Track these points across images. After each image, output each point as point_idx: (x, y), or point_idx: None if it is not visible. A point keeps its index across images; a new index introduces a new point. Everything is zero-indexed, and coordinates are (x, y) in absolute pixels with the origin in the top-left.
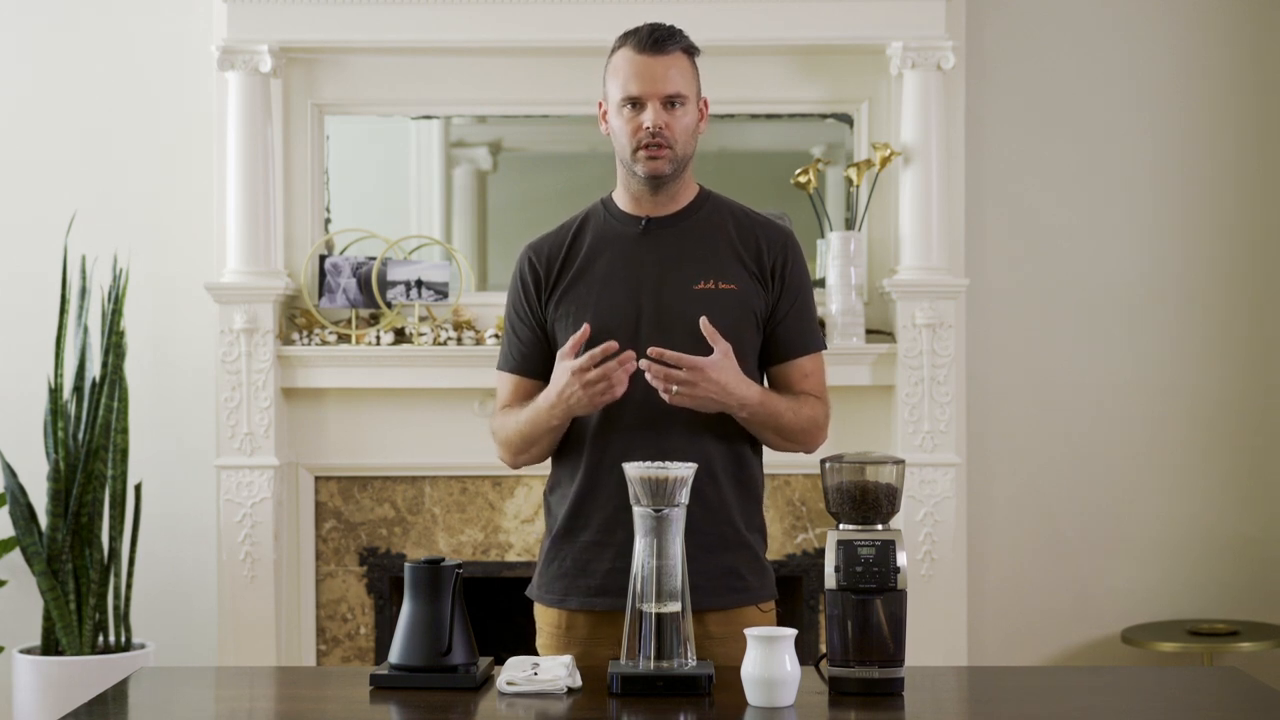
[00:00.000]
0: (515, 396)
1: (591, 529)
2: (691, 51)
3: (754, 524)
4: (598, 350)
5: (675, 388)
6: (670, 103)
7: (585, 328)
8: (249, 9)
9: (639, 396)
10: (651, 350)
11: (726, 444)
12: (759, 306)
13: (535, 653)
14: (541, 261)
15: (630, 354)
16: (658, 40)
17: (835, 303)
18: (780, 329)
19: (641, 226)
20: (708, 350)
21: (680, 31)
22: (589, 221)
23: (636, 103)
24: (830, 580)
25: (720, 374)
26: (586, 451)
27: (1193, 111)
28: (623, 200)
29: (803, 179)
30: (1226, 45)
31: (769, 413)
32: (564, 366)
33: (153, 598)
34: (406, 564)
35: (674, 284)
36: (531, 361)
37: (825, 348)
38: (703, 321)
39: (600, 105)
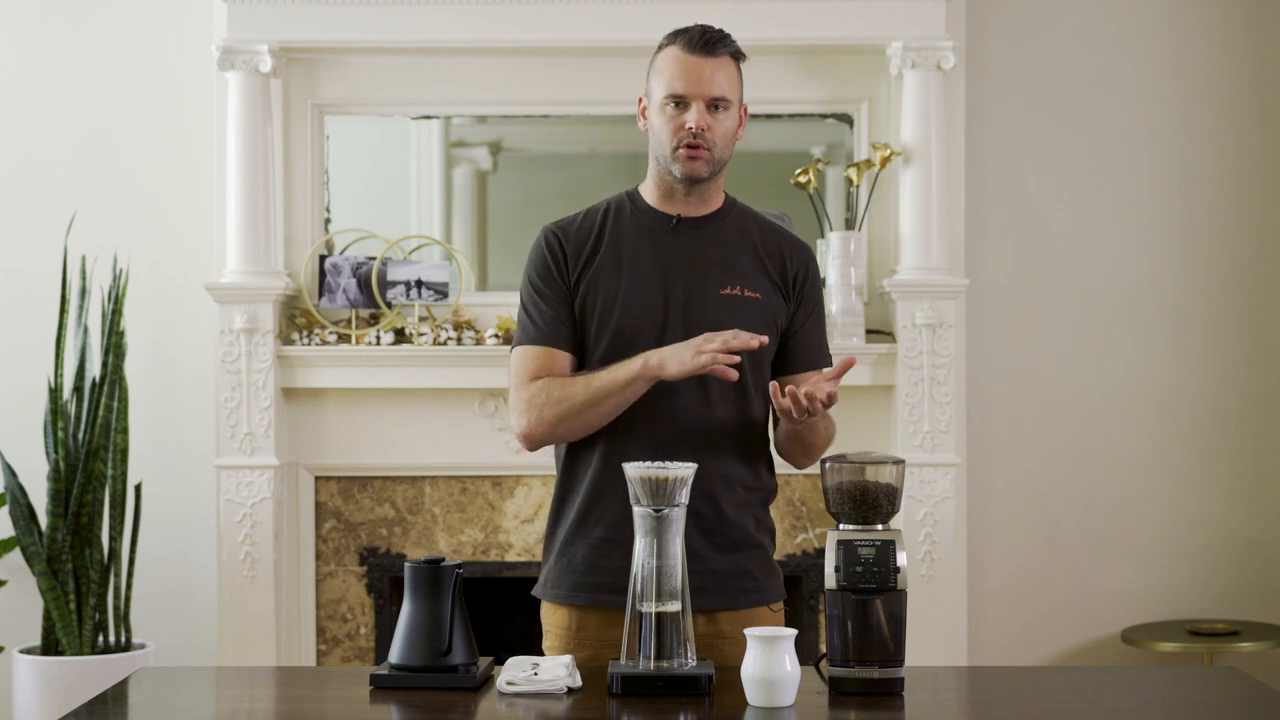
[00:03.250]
0: (545, 370)
1: (604, 526)
2: (739, 57)
3: (764, 524)
4: (747, 337)
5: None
6: (714, 105)
7: (765, 339)
8: (249, 9)
9: (656, 399)
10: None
11: (740, 445)
12: (779, 318)
13: (536, 653)
14: (569, 240)
15: (754, 340)
16: (708, 42)
17: (835, 303)
18: (795, 342)
19: (673, 224)
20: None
21: (730, 36)
22: (616, 212)
23: (680, 102)
24: (830, 580)
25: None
26: (600, 450)
27: (1193, 112)
28: (652, 196)
29: (803, 179)
30: (1226, 46)
31: (808, 435)
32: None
33: (153, 598)
34: (406, 564)
35: (702, 286)
36: (560, 333)
37: (831, 365)
38: (773, 387)
39: (640, 101)
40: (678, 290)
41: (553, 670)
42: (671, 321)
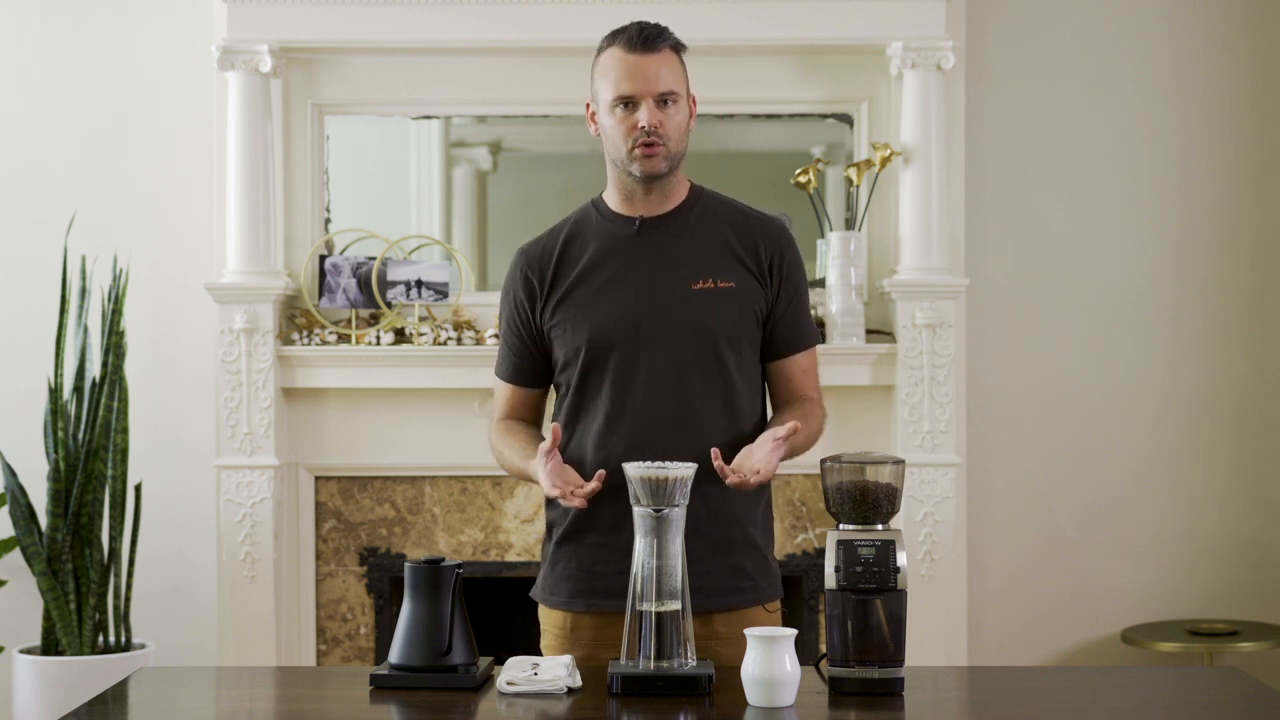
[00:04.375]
0: (511, 405)
1: (598, 531)
2: (679, 49)
3: (760, 522)
4: (580, 496)
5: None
6: (663, 100)
7: (555, 429)
8: (249, 9)
9: (640, 401)
10: (717, 465)
11: (731, 445)
12: (758, 304)
13: (536, 653)
14: (534, 271)
15: (601, 474)
16: (647, 38)
17: (835, 303)
18: (780, 325)
19: (636, 227)
20: (709, 348)
21: (667, 29)
22: (581, 224)
23: (629, 102)
24: (830, 580)
25: (769, 472)
26: (590, 456)
27: (1193, 112)
28: (614, 201)
29: (803, 179)
30: (1226, 46)
31: (788, 454)
32: (543, 470)
33: (153, 598)
34: (406, 564)
35: (673, 285)
36: (526, 373)
37: (822, 341)
38: (715, 459)
39: (588, 106)
40: (648, 293)
41: (553, 670)
42: (646, 324)
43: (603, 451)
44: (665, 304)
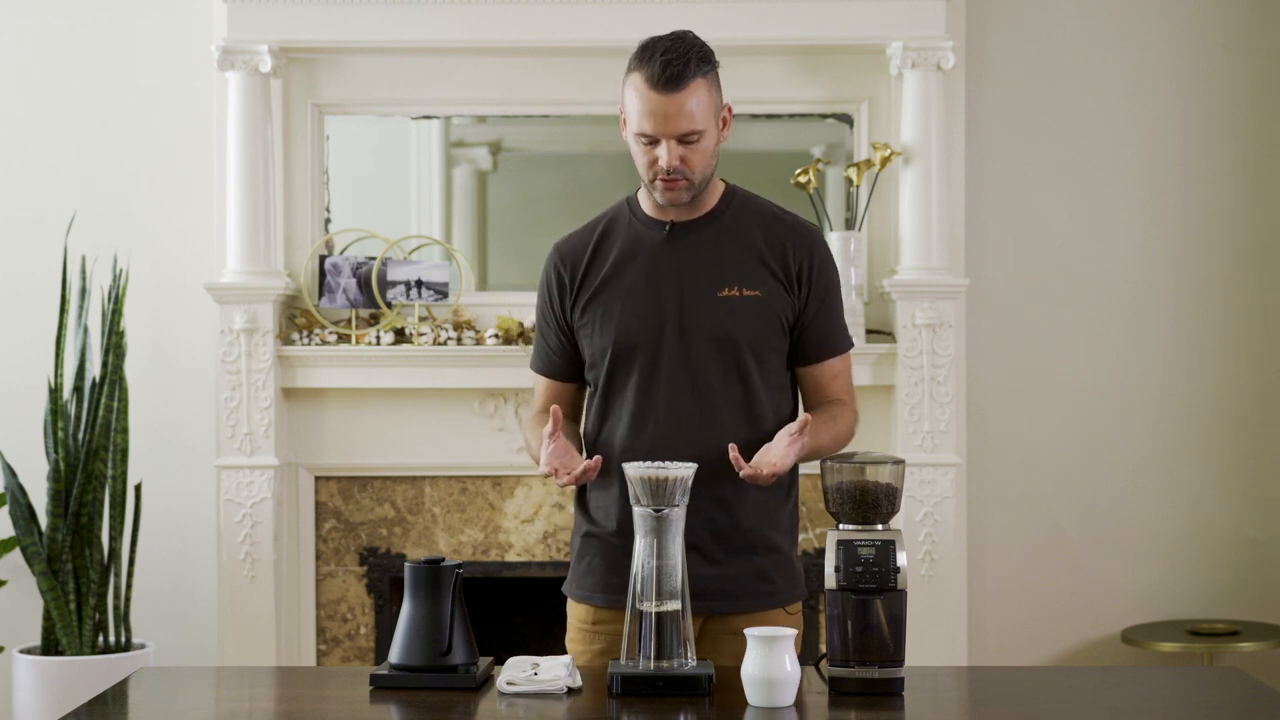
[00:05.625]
0: (546, 399)
1: (623, 529)
2: (709, 71)
3: (782, 524)
4: (574, 475)
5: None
6: (685, 139)
7: (555, 410)
8: (249, 9)
9: (663, 404)
10: (733, 457)
11: (751, 447)
12: (785, 312)
13: (535, 653)
14: (567, 266)
15: (597, 459)
16: (670, 78)
17: None
18: (809, 331)
19: (666, 232)
20: (731, 356)
21: (694, 57)
22: (615, 222)
23: (651, 139)
24: (830, 580)
25: (783, 466)
26: (616, 457)
27: (1193, 112)
28: (647, 204)
29: (803, 179)
30: (1226, 46)
31: (813, 453)
32: (545, 451)
33: (153, 598)
34: (406, 564)
35: (698, 291)
36: (559, 366)
37: (853, 346)
38: (732, 451)
39: (621, 112)
40: (672, 298)
41: (553, 670)
42: (668, 330)
43: (628, 453)
44: (689, 310)
